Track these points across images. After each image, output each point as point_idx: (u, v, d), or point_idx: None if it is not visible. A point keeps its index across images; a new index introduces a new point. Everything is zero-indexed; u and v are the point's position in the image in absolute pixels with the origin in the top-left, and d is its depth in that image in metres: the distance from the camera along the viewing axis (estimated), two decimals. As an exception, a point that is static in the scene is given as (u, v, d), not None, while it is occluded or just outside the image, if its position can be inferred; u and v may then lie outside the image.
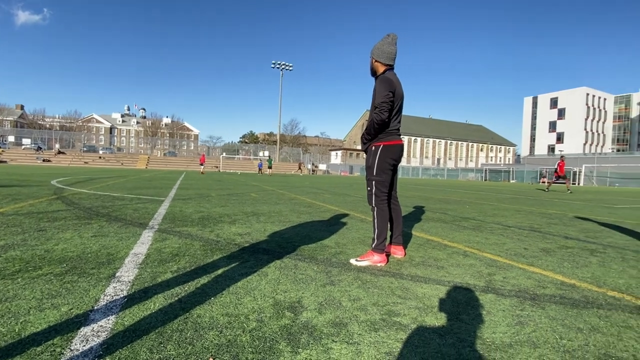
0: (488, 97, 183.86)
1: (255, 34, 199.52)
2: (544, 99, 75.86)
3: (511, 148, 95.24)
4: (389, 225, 2.67)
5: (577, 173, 36.20)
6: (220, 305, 1.64)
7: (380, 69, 2.59)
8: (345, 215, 5.02)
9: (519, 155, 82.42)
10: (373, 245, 2.50)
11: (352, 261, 2.47)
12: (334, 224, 4.19)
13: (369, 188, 2.63)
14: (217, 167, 44.45)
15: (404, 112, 2.93)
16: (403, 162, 67.12)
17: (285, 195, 8.17)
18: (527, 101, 79.10)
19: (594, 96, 71.71)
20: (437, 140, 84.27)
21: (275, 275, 2.12)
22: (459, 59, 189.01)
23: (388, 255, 2.67)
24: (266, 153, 55.44)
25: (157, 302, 1.63)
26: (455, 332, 1.46)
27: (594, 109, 71.90)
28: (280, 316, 1.55)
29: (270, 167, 31.36)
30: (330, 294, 1.85)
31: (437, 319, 1.58)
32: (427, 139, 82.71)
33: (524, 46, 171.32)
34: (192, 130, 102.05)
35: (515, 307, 1.75)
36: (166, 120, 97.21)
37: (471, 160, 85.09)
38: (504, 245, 3.29)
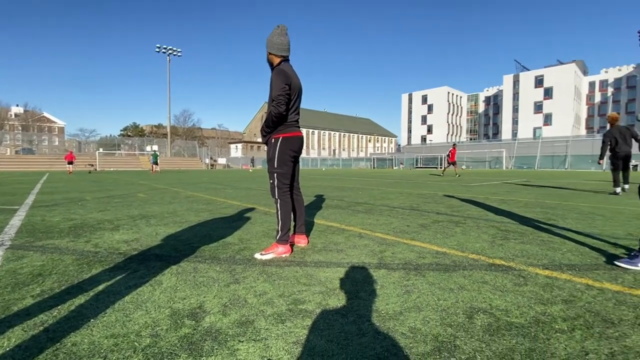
0: (373, 92, 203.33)
1: (138, 16, 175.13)
2: (417, 96, 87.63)
3: (393, 139, 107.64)
4: (292, 215, 2.71)
5: (444, 158, 43.34)
6: (103, 326, 1.41)
7: (276, 60, 2.58)
8: (249, 209, 4.90)
9: (399, 145, 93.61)
10: (277, 237, 2.51)
11: (257, 255, 2.44)
12: (237, 219, 4.05)
13: (271, 180, 2.61)
14: (92, 165, 37.97)
15: (302, 105, 2.99)
16: (303, 154, 69.17)
17: (180, 194, 7.52)
18: (404, 97, 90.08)
19: (453, 94, 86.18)
20: (332, 133, 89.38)
21: (171, 282, 1.93)
22: (348, 56, 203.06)
23: (292, 245, 2.72)
24: (155, 147, 49.58)
25: (12, 338, 1.31)
26: (355, 310, 1.58)
27: (454, 105, 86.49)
28: (180, 326, 1.42)
29: (156, 163, 25.82)
30: (235, 292, 1.79)
31: (339, 300, 1.69)
32: (323, 131, 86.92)
33: (401, 46, 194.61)
34: (55, 122, 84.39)
35: (402, 279, 1.99)
36: (16, 110, 77.48)
37: (361, 151, 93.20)
38: (391, 224, 3.71)
